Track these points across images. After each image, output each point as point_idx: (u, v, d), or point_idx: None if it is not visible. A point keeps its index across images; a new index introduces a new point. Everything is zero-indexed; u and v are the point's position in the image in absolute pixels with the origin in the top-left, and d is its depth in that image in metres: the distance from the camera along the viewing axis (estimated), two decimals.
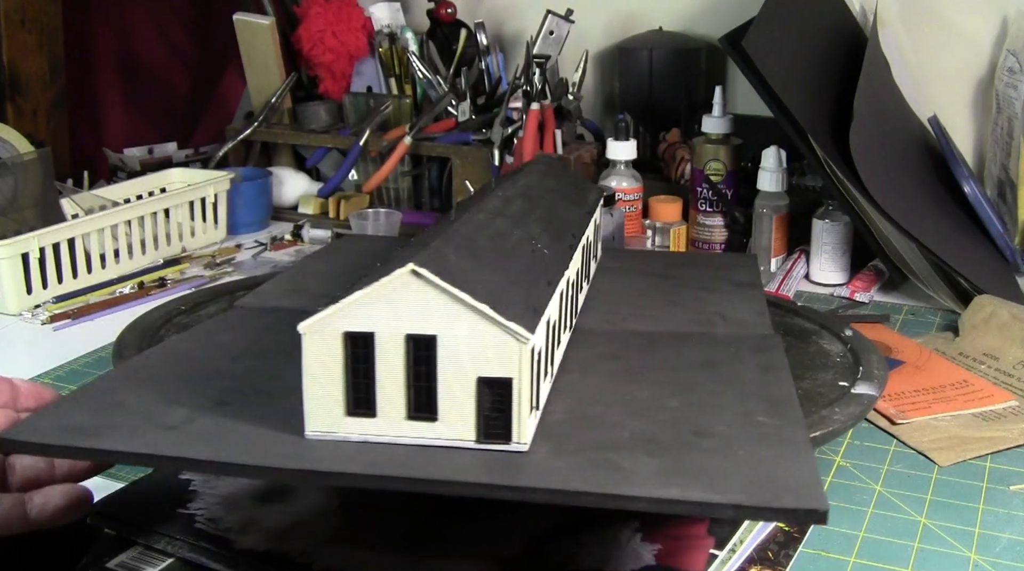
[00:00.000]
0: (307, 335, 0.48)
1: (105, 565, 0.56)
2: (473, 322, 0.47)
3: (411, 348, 0.48)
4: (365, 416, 0.49)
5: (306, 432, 0.49)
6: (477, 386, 0.48)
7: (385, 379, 0.48)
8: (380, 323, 0.47)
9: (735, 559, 0.55)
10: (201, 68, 1.58)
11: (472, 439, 0.48)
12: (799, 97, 0.98)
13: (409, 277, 0.47)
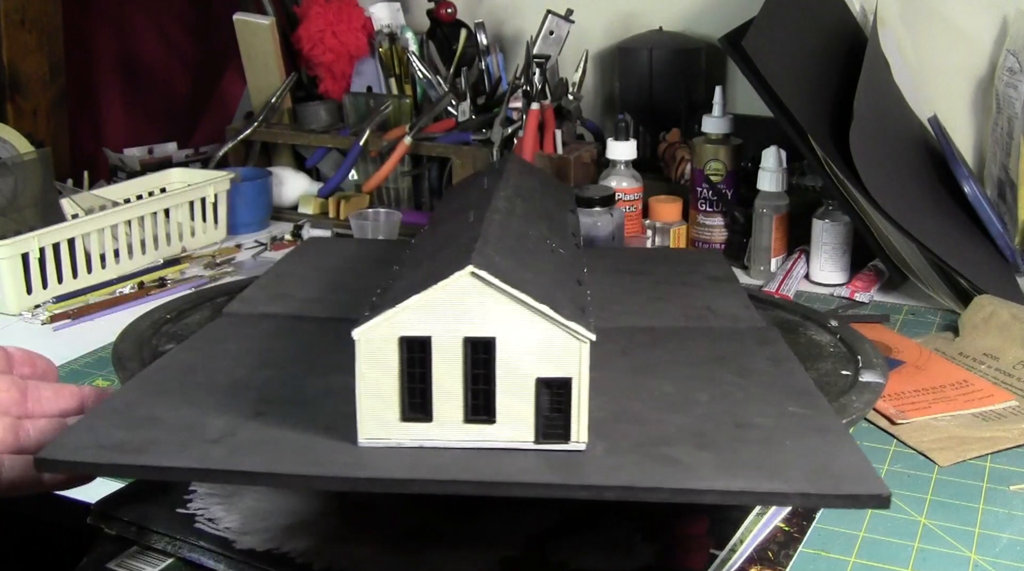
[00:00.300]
0: (361, 341, 0.47)
1: (105, 565, 0.56)
2: (533, 323, 0.47)
3: (469, 351, 0.47)
4: (421, 421, 0.48)
5: (359, 439, 0.49)
6: (536, 387, 0.48)
7: (442, 383, 0.48)
8: (437, 327, 0.47)
9: (735, 559, 0.55)
10: (201, 68, 1.58)
11: (531, 440, 0.49)
12: (799, 97, 0.98)
13: (469, 280, 0.47)
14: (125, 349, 0.73)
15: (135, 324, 0.78)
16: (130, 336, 0.75)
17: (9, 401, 0.56)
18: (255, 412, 0.52)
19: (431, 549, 0.56)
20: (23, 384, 0.57)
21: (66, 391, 0.58)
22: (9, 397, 0.56)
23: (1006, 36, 1.13)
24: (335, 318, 0.68)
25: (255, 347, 0.63)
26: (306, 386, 0.56)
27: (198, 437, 0.49)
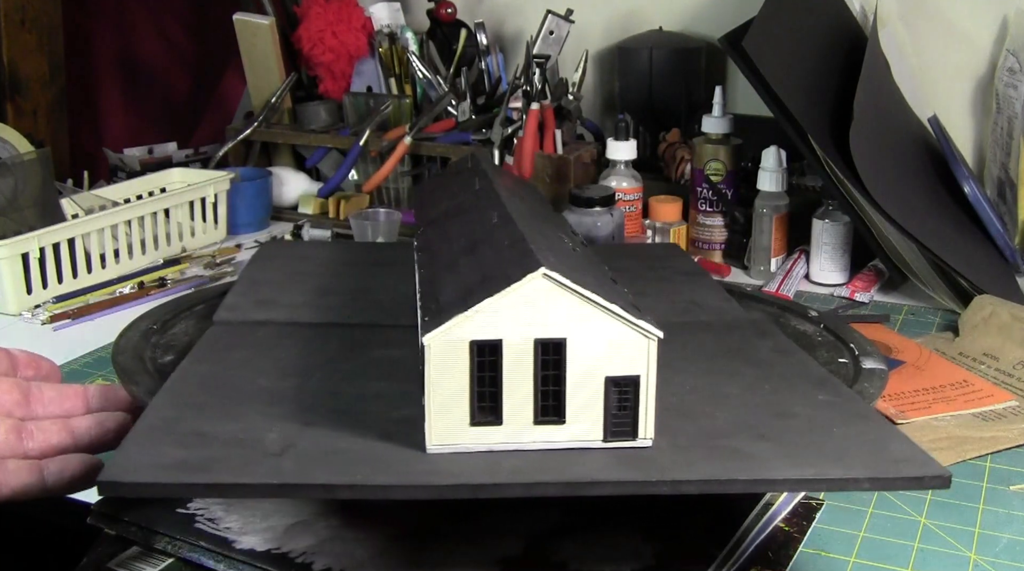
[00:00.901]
0: (431, 346, 0.47)
1: (105, 565, 0.56)
2: (603, 323, 0.48)
3: (539, 353, 0.47)
4: (490, 425, 0.48)
5: (428, 446, 0.48)
6: (605, 385, 0.48)
7: (512, 386, 0.48)
8: (508, 329, 0.47)
9: (735, 559, 0.55)
10: (201, 68, 1.58)
11: (599, 438, 0.49)
12: (799, 97, 0.98)
13: (542, 281, 0.47)
14: (128, 364, 0.69)
15: (127, 336, 0.72)
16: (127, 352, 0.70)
17: (12, 403, 0.56)
18: (303, 422, 0.51)
19: (431, 549, 0.56)
20: (26, 386, 0.57)
21: (70, 391, 0.58)
22: (11, 399, 0.56)
23: (1006, 36, 1.13)
24: (333, 323, 0.68)
25: (266, 356, 0.62)
26: (340, 394, 0.56)
27: (258, 451, 0.48)
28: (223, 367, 0.59)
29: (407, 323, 0.68)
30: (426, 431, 0.48)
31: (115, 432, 0.57)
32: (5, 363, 0.59)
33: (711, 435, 0.51)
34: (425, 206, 0.76)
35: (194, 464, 0.46)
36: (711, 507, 0.58)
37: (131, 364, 0.66)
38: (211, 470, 0.45)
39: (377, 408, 0.53)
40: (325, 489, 0.45)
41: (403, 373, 0.59)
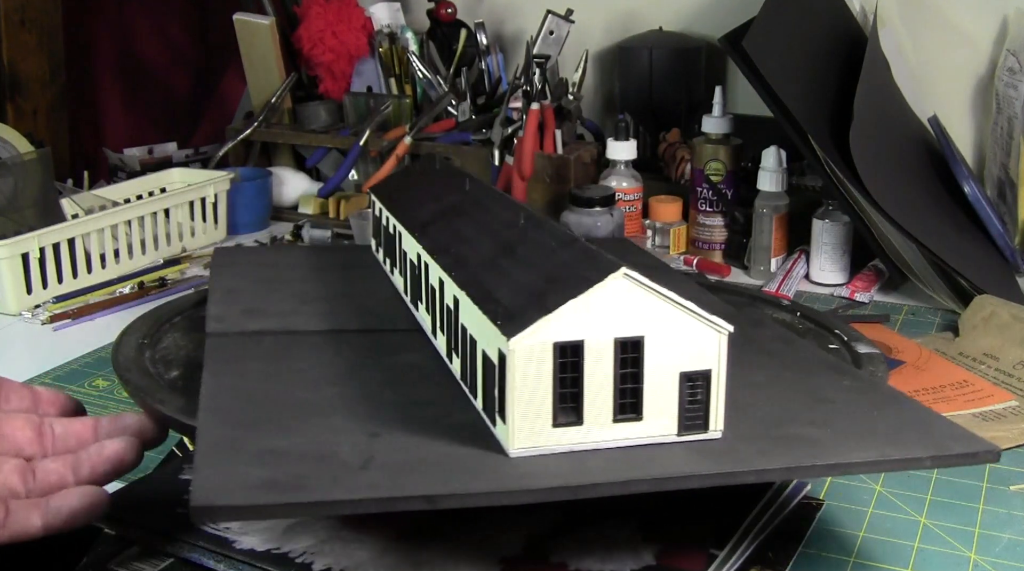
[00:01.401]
0: (516, 350, 0.47)
1: (105, 565, 0.56)
2: (678, 319, 0.49)
3: (619, 351, 0.48)
4: (572, 425, 0.49)
5: (511, 450, 0.48)
6: (680, 381, 0.49)
7: (592, 385, 0.48)
8: (590, 330, 0.48)
9: (735, 559, 0.55)
10: (201, 68, 1.58)
11: (673, 433, 0.50)
12: (799, 97, 0.98)
13: (623, 281, 0.47)
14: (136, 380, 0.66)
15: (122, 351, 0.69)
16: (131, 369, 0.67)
17: (24, 440, 0.56)
18: (367, 433, 0.50)
19: (431, 549, 0.56)
20: (38, 422, 0.57)
21: (78, 425, 0.58)
22: (24, 437, 0.56)
23: (1006, 36, 1.13)
24: (333, 330, 0.67)
25: (284, 366, 0.60)
26: (387, 402, 0.55)
27: (340, 465, 0.47)
28: (248, 380, 0.58)
29: (405, 327, 0.68)
30: (510, 434, 0.48)
31: (114, 459, 0.56)
32: (27, 400, 0.59)
33: (767, 424, 0.53)
34: (403, 208, 0.76)
35: (285, 483, 0.44)
36: (710, 507, 0.58)
37: (138, 380, 0.63)
38: (305, 488, 0.44)
39: (432, 414, 0.53)
40: (427, 500, 0.44)
41: (437, 378, 0.59)
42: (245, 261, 0.84)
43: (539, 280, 0.51)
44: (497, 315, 0.49)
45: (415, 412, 0.54)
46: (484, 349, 0.51)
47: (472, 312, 0.53)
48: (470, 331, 0.54)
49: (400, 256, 0.74)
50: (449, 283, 0.58)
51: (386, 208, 0.79)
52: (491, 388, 0.50)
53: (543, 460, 0.48)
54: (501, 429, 0.49)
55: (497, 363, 0.48)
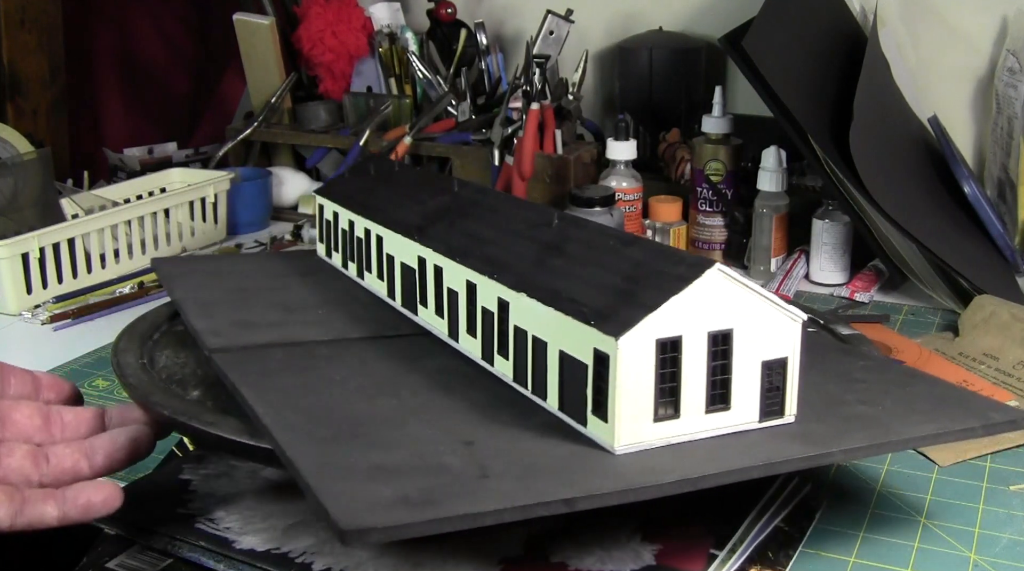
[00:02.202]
0: (623, 349, 0.48)
1: (105, 565, 0.56)
2: (761, 310, 0.51)
3: (711, 344, 0.50)
4: (670, 419, 0.50)
5: (616, 447, 0.49)
6: (761, 369, 0.52)
7: (688, 379, 0.50)
8: (687, 325, 0.49)
9: (735, 559, 0.55)
10: (201, 68, 1.58)
11: (755, 420, 0.52)
12: (799, 97, 0.98)
13: (717, 276, 0.49)
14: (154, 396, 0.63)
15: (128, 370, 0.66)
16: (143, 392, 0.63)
17: (32, 428, 0.56)
18: (460, 440, 0.50)
19: (431, 549, 0.56)
20: (46, 410, 0.57)
21: (87, 414, 0.58)
22: (33, 424, 0.56)
23: (1006, 36, 1.13)
24: (341, 339, 0.66)
25: (320, 378, 0.59)
26: (452, 409, 0.55)
27: (459, 477, 0.47)
28: (292, 395, 0.56)
29: (409, 331, 0.68)
30: (614, 432, 0.49)
31: (127, 449, 0.57)
32: (29, 385, 0.59)
33: (821, 405, 0.55)
34: (374, 211, 0.75)
35: (416, 499, 0.44)
36: (711, 506, 0.58)
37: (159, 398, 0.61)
38: (439, 502, 0.44)
39: (510, 418, 0.54)
40: (566, 503, 0.45)
41: (481, 381, 0.59)
42: (195, 271, 0.82)
43: (617, 278, 0.52)
44: (585, 315, 0.50)
45: (492, 416, 0.54)
46: (563, 350, 0.52)
47: (538, 313, 0.53)
48: (533, 333, 0.54)
49: (383, 260, 0.73)
50: (490, 285, 0.58)
51: (350, 211, 0.78)
52: (579, 388, 0.51)
53: (648, 455, 0.49)
54: (599, 427, 0.50)
55: (592, 363, 0.49)
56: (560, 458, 0.49)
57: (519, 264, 0.58)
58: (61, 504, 0.52)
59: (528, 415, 0.54)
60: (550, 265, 0.57)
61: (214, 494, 0.62)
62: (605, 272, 0.53)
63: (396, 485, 0.45)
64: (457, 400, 0.56)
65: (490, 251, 0.61)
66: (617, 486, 0.46)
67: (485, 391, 0.57)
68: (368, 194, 0.80)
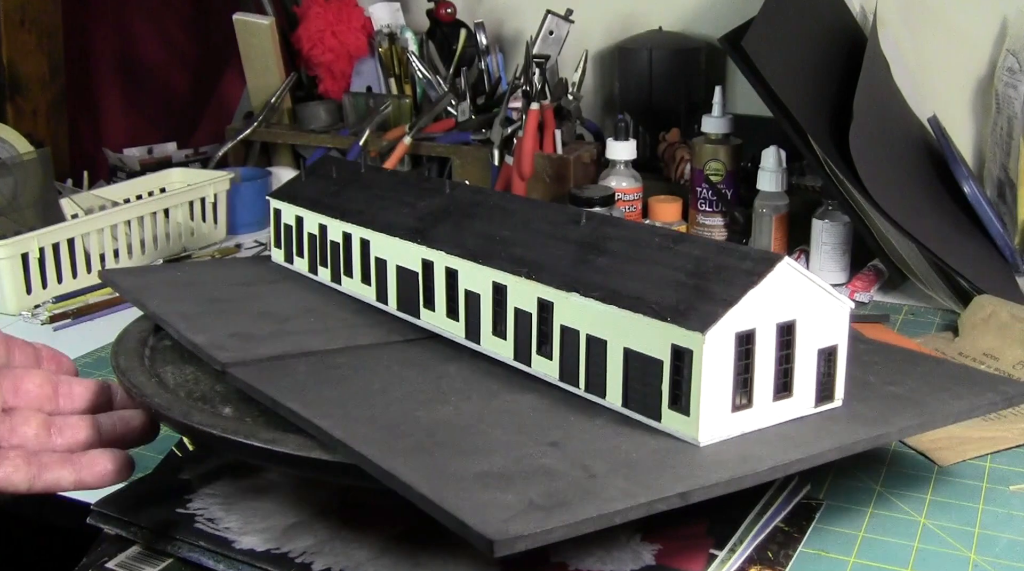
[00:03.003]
0: (708, 344, 0.49)
1: (105, 565, 0.56)
2: (819, 300, 0.53)
3: (779, 335, 0.52)
4: (744, 409, 0.52)
5: (701, 440, 0.50)
6: (817, 357, 0.54)
7: (760, 370, 0.52)
8: (760, 318, 0.51)
9: (735, 559, 0.55)
10: (201, 68, 1.58)
11: (812, 406, 0.55)
12: (799, 97, 0.98)
13: (787, 271, 0.51)
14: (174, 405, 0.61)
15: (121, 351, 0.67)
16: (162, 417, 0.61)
17: (43, 397, 0.57)
18: (544, 443, 0.51)
19: (431, 549, 0.55)
20: (55, 380, 0.58)
21: (96, 386, 0.60)
22: (43, 393, 0.57)
23: (1006, 36, 1.13)
24: (352, 347, 0.65)
25: (359, 389, 0.58)
26: (512, 411, 0.55)
27: (570, 478, 0.47)
28: (345, 407, 0.55)
29: (415, 335, 0.67)
30: (698, 425, 0.50)
31: (140, 429, 0.58)
32: (32, 357, 0.61)
33: (855, 387, 0.57)
34: (353, 214, 0.74)
35: (544, 503, 0.44)
36: (711, 505, 0.58)
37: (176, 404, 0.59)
38: (570, 505, 0.44)
39: (579, 416, 0.54)
40: (681, 497, 0.46)
41: (520, 381, 0.59)
42: (156, 282, 0.79)
43: (679, 275, 0.53)
44: (659, 312, 0.51)
45: (557, 417, 0.54)
46: (629, 347, 0.52)
47: (594, 312, 0.54)
48: (587, 332, 0.55)
49: (369, 264, 0.72)
50: (526, 285, 0.58)
51: (320, 214, 0.77)
52: (650, 384, 0.52)
53: (730, 445, 0.51)
54: (678, 421, 0.51)
55: (670, 358, 0.50)
56: (650, 453, 0.50)
57: (557, 264, 0.58)
58: (78, 470, 0.53)
59: (590, 414, 0.54)
60: (595, 264, 0.57)
61: (214, 494, 0.62)
62: (663, 269, 0.54)
63: (515, 491, 0.45)
64: (510, 403, 0.56)
65: (516, 252, 0.61)
66: (722, 477, 0.47)
67: (533, 392, 0.57)
68: (337, 197, 0.78)
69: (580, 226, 0.61)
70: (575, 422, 0.53)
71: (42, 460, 0.53)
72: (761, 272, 0.50)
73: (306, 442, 0.53)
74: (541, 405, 0.56)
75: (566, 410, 0.55)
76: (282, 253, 0.84)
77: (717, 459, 0.49)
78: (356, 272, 0.74)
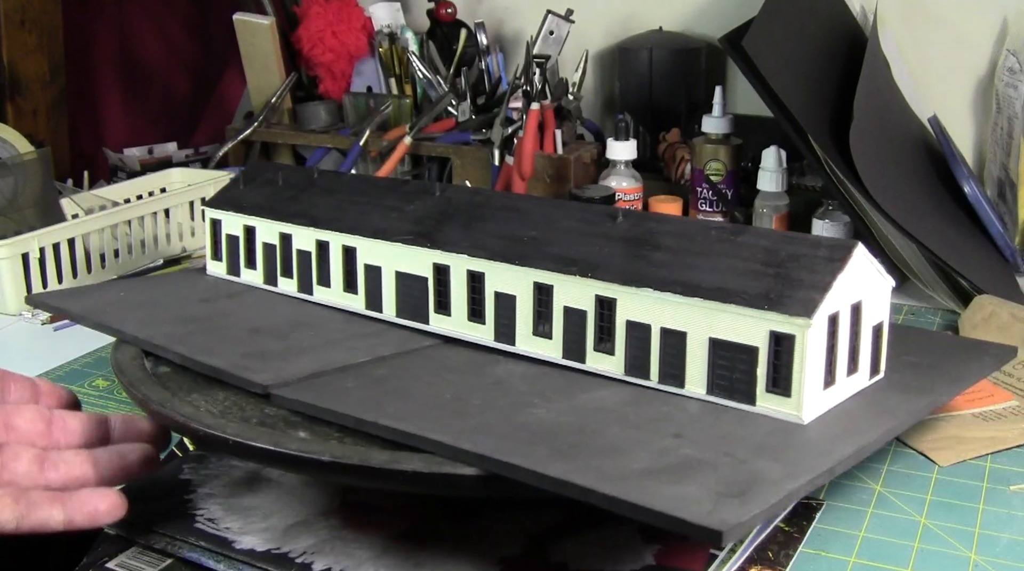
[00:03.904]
0: (813, 327, 0.52)
1: (105, 565, 0.56)
2: (875, 280, 0.57)
3: (852, 315, 0.56)
4: (830, 386, 0.55)
5: (805, 418, 0.54)
6: (872, 333, 0.58)
7: (840, 349, 0.55)
8: (842, 300, 0.55)
9: (735, 559, 0.55)
10: (201, 68, 1.58)
11: (867, 379, 0.59)
12: (799, 97, 0.98)
13: (860, 253, 0.55)
14: None
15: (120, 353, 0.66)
16: None
17: (35, 433, 0.56)
18: (671, 435, 0.52)
19: (431, 549, 0.56)
20: (49, 415, 0.57)
21: (91, 420, 0.58)
22: (35, 429, 0.56)
23: (1006, 36, 1.13)
24: (379, 358, 0.64)
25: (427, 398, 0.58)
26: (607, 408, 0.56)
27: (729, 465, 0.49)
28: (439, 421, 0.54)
29: (430, 342, 0.66)
30: (801, 405, 0.53)
31: (137, 464, 0.57)
32: (29, 391, 0.60)
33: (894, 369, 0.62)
34: (326, 221, 0.72)
35: (728, 491, 0.45)
36: None
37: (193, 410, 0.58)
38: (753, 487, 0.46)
39: (667, 408, 0.56)
40: (829, 473, 0.49)
41: (587, 382, 0.59)
42: (104, 303, 0.74)
43: (755, 265, 0.56)
44: (750, 301, 0.54)
45: (652, 410, 0.55)
46: (714, 336, 0.55)
47: (669, 305, 0.56)
48: (661, 325, 0.56)
49: (356, 272, 0.70)
50: (579, 284, 0.59)
51: (283, 222, 0.74)
52: (743, 369, 0.54)
53: (828, 421, 0.54)
54: (779, 402, 0.54)
55: (768, 344, 0.53)
56: (768, 435, 0.52)
57: (609, 260, 0.59)
58: (68, 509, 0.52)
59: (675, 405, 0.56)
60: (652, 259, 0.58)
61: (214, 494, 0.62)
62: (732, 260, 0.56)
63: (693, 484, 0.46)
64: (595, 400, 0.57)
65: (554, 251, 0.61)
66: (848, 451, 0.50)
67: (602, 388, 0.58)
68: (297, 203, 0.76)
69: (618, 223, 0.62)
70: (670, 413, 0.55)
71: (31, 498, 0.51)
72: (842, 258, 0.54)
73: (432, 459, 0.51)
74: (623, 400, 0.57)
75: (649, 403, 0.56)
76: (224, 265, 0.80)
77: (829, 434, 0.52)
78: (336, 281, 0.72)
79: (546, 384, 0.59)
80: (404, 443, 0.52)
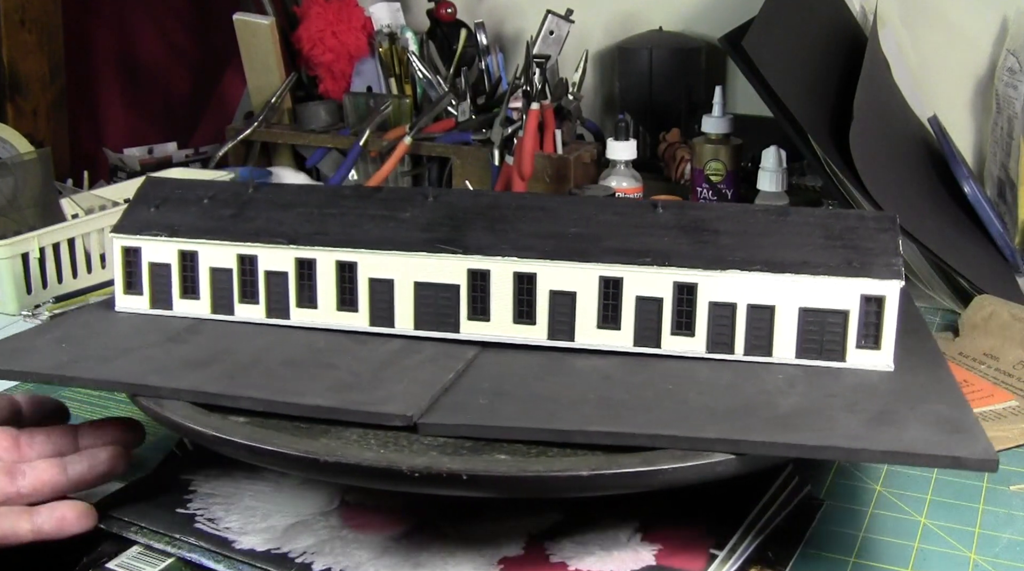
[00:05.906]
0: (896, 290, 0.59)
1: (105, 565, 0.56)
2: None
3: None
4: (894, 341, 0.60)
5: (892, 367, 0.60)
6: None
7: (887, 326, 0.60)
8: (889, 285, 0.60)
9: (735, 559, 0.55)
10: (201, 68, 1.58)
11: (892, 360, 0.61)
12: (799, 97, 0.98)
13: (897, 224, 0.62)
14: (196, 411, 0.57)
15: None
16: None
17: (1, 449, 0.57)
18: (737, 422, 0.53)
19: (431, 549, 0.56)
20: (15, 433, 0.58)
21: (57, 432, 0.60)
22: (1, 446, 0.57)
23: (1006, 36, 1.13)
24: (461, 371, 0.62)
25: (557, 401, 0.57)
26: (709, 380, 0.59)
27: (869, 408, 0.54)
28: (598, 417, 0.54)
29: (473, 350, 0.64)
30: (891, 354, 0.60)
31: (107, 465, 0.58)
32: (6, 411, 0.61)
33: None
34: (317, 235, 0.66)
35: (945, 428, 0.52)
36: (710, 506, 0.58)
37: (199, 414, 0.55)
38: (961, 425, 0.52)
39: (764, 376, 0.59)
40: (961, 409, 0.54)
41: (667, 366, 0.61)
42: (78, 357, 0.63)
43: (819, 239, 0.61)
44: (837, 271, 0.59)
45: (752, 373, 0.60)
46: (804, 306, 0.60)
47: (754, 283, 0.60)
48: (749, 301, 0.60)
49: (355, 288, 0.66)
50: (655, 273, 0.61)
51: (247, 244, 0.67)
52: (833, 332, 0.60)
53: (905, 369, 0.60)
54: (869, 357, 0.60)
55: (860, 306, 0.59)
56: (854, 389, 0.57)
57: (675, 249, 0.62)
58: (36, 519, 0.54)
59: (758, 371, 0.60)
60: (718, 243, 0.62)
61: (214, 494, 0.62)
62: (796, 237, 0.61)
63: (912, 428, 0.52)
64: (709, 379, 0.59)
65: (613, 245, 0.62)
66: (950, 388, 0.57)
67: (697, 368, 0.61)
68: (247, 221, 0.69)
69: (659, 214, 0.64)
70: (768, 379, 0.59)
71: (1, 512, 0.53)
72: (890, 228, 0.62)
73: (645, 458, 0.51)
74: (718, 371, 0.60)
75: (736, 374, 0.60)
76: (146, 299, 0.70)
77: (914, 380, 0.58)
78: (325, 300, 0.67)
79: (641, 371, 0.61)
80: (617, 444, 0.52)
